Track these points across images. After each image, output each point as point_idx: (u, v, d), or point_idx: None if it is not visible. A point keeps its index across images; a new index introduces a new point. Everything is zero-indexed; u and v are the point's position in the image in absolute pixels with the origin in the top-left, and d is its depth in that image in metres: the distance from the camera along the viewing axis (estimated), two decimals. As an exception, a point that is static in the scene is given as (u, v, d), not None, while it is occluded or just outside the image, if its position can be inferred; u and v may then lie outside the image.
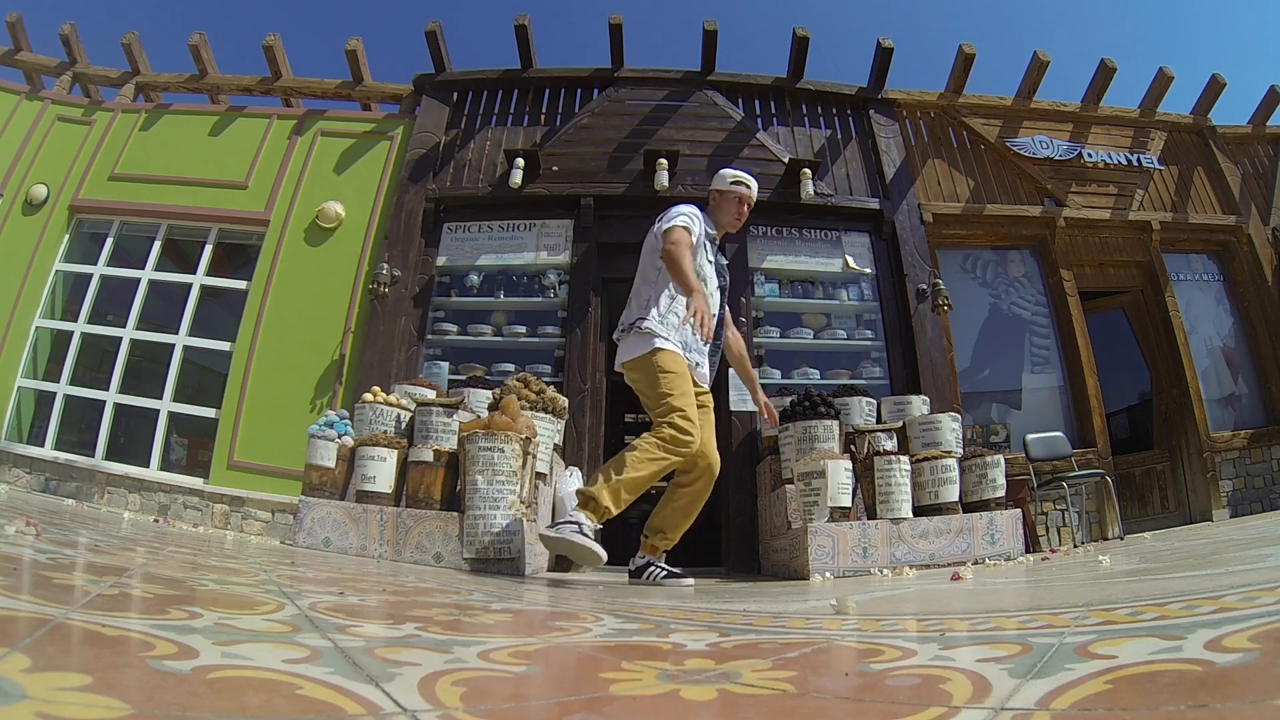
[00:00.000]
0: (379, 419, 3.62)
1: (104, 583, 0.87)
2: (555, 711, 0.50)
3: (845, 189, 5.80)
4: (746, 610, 1.35)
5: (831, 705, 0.53)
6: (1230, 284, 6.33)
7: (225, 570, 1.36)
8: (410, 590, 1.43)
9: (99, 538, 1.78)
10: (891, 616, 1.17)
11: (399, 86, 6.35)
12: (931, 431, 3.98)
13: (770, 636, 0.92)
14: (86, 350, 5.66)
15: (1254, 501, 5.48)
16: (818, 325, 5.47)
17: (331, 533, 3.04)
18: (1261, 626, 0.61)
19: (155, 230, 5.90)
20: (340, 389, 5.06)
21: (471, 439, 2.94)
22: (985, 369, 5.78)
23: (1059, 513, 5.19)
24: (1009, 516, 3.52)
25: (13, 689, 0.38)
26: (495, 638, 0.86)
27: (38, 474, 5.16)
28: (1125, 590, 1.23)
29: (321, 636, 0.68)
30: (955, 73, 6.28)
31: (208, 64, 6.43)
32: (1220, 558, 1.74)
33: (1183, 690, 0.46)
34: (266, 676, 0.50)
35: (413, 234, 5.45)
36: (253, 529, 4.78)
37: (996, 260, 6.07)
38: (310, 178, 5.82)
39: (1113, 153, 6.40)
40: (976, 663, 0.61)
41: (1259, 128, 6.88)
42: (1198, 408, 5.65)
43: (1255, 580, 1.01)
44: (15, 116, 6.24)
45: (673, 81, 6.12)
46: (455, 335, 5.31)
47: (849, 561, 3.14)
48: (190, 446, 5.63)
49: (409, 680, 0.53)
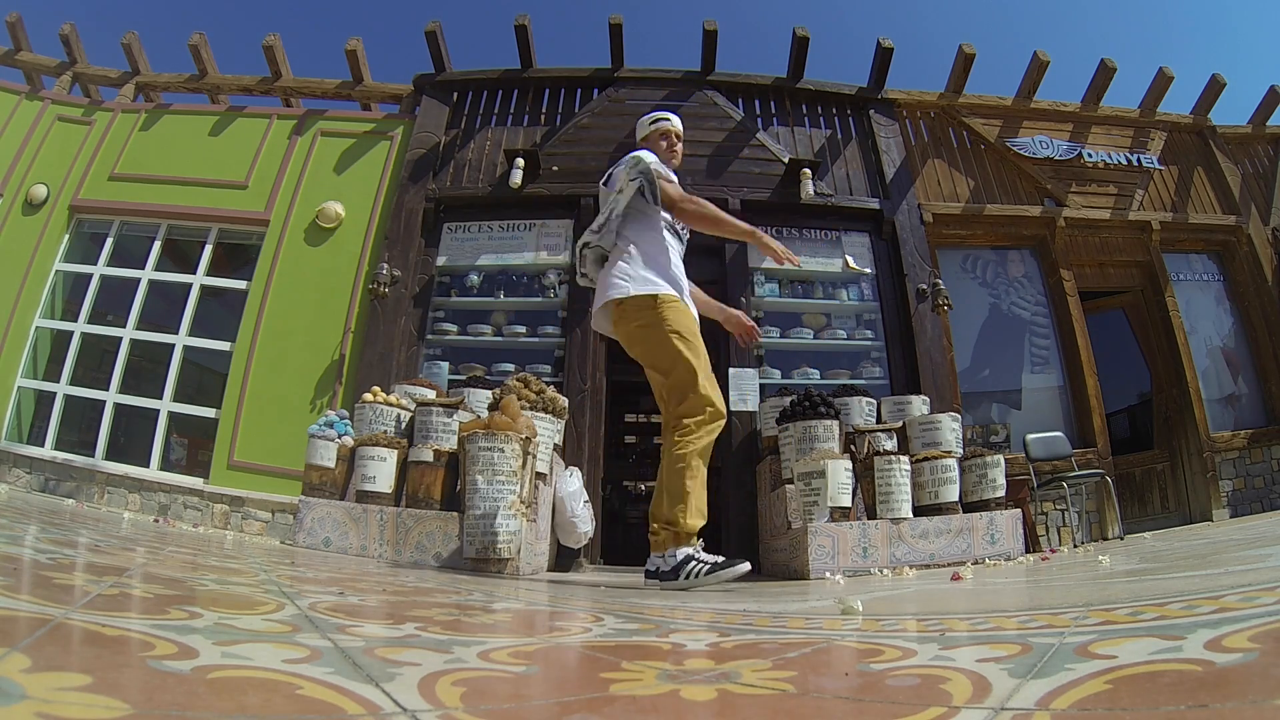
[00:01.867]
0: (379, 419, 3.62)
1: (104, 583, 0.87)
2: (555, 711, 0.50)
3: (845, 189, 5.80)
4: (746, 610, 1.35)
5: (831, 705, 0.53)
6: (1230, 284, 6.33)
7: (225, 570, 1.36)
8: (410, 590, 1.43)
9: (99, 538, 1.78)
10: (891, 616, 1.17)
11: (399, 86, 6.35)
12: (931, 431, 3.98)
13: (770, 636, 0.92)
14: (86, 350, 5.66)
15: (1254, 501, 5.48)
16: (818, 325, 5.47)
17: (331, 533, 3.04)
18: (1261, 626, 0.61)
19: (155, 230, 5.90)
20: (340, 389, 5.06)
21: (471, 439, 2.94)
22: (985, 369, 5.78)
23: (1059, 513, 5.19)
24: (1009, 516, 3.52)
25: (13, 689, 0.38)
26: (495, 638, 0.86)
27: (38, 474, 5.16)
28: (1125, 590, 1.23)
29: (321, 636, 0.68)
30: (955, 73, 6.28)
31: (208, 64, 6.43)
32: (1220, 558, 1.74)
33: (1183, 690, 0.46)
34: (266, 676, 0.50)
35: (413, 234, 5.45)
36: (253, 529, 4.78)
37: (996, 260, 6.07)
38: (310, 178, 5.82)
39: (1113, 153, 6.40)
40: (976, 663, 0.61)
41: (1259, 128, 6.88)
42: (1198, 408, 5.66)
43: (1255, 580, 1.01)
44: (15, 116, 6.24)
45: (673, 81, 6.13)
46: (455, 335, 5.31)
47: (849, 561, 3.14)
48: (190, 446, 5.63)
49: (409, 680, 0.53)
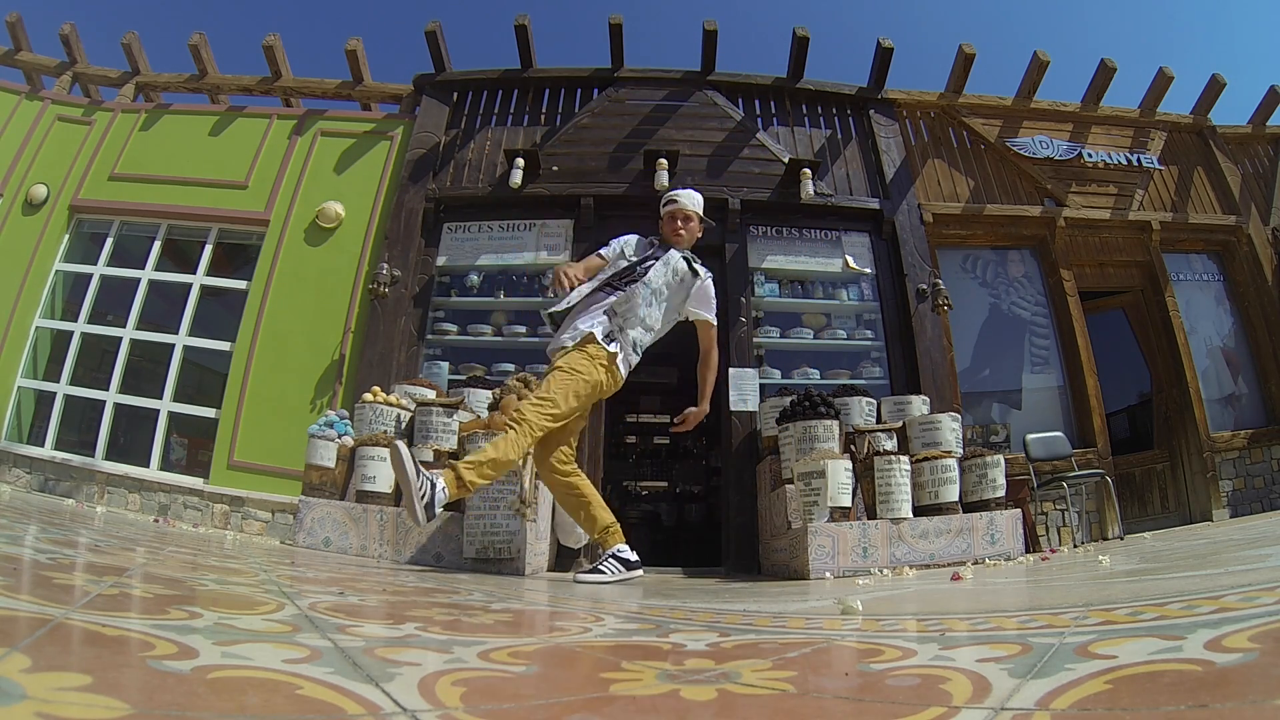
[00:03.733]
0: (379, 419, 3.62)
1: (104, 583, 0.87)
2: (555, 711, 0.50)
3: (845, 189, 5.80)
4: (746, 610, 1.35)
5: (831, 705, 0.53)
6: (1230, 284, 6.33)
7: (225, 570, 1.36)
8: (410, 590, 1.43)
9: (99, 538, 1.78)
10: (891, 616, 1.16)
11: (399, 86, 6.34)
12: (931, 431, 3.98)
13: (770, 636, 0.92)
14: (86, 350, 5.66)
15: (1254, 501, 5.48)
16: (818, 325, 5.47)
17: (331, 533, 3.04)
18: (1261, 626, 0.61)
19: (155, 230, 5.90)
20: (340, 389, 5.06)
21: (471, 439, 2.94)
22: (985, 369, 5.77)
23: (1059, 513, 5.18)
24: (1009, 516, 3.52)
25: (13, 689, 0.38)
26: (495, 638, 0.86)
27: (38, 474, 5.16)
28: (1125, 590, 1.23)
29: (321, 636, 0.68)
30: (955, 73, 6.28)
31: (208, 64, 6.43)
32: (1220, 558, 1.74)
33: (1183, 690, 0.46)
34: (266, 676, 0.50)
35: (413, 234, 5.45)
36: (253, 529, 4.78)
37: (996, 260, 6.07)
38: (310, 178, 5.81)
39: (1113, 153, 6.40)
40: (976, 663, 0.61)
41: (1259, 128, 6.88)
42: (1198, 408, 5.65)
43: (1255, 580, 1.01)
44: (15, 116, 6.24)
45: (673, 81, 6.12)
46: (455, 335, 5.31)
47: (849, 561, 3.14)
48: (190, 446, 5.63)
49: (409, 680, 0.53)
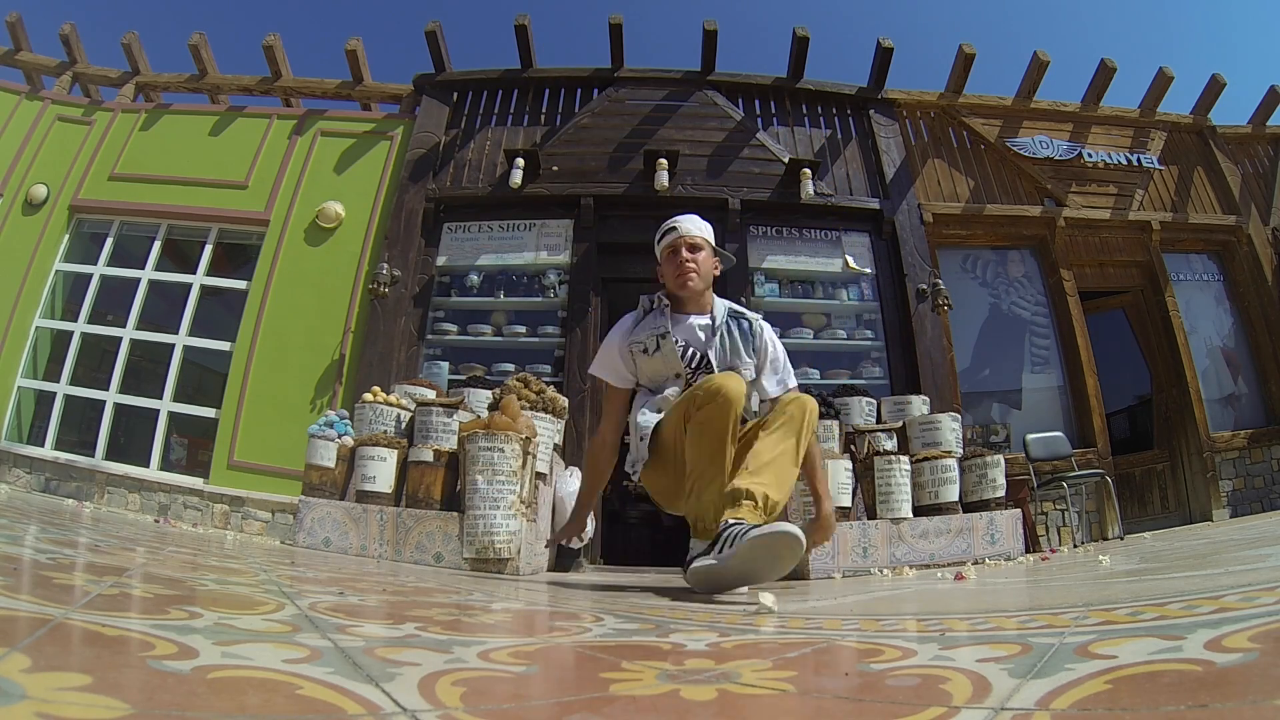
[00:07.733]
0: (379, 419, 3.62)
1: (104, 583, 0.87)
2: (555, 711, 0.50)
3: (845, 189, 5.80)
4: (746, 610, 1.35)
5: (831, 705, 0.53)
6: (1230, 284, 6.33)
7: (225, 570, 1.36)
8: (410, 590, 1.43)
9: (99, 538, 1.78)
10: (891, 616, 1.16)
11: (399, 86, 6.35)
12: (931, 431, 3.98)
13: (770, 636, 0.92)
14: (86, 350, 5.66)
15: (1254, 501, 5.49)
16: (818, 325, 5.47)
17: (331, 533, 3.04)
18: (1261, 626, 0.61)
19: (155, 230, 5.90)
20: (340, 389, 5.06)
21: (471, 439, 2.94)
22: (985, 369, 5.78)
23: (1059, 513, 5.19)
24: (1009, 516, 3.52)
25: (13, 689, 0.38)
26: (495, 638, 0.86)
27: (38, 474, 5.16)
28: (1125, 590, 1.23)
29: (321, 636, 0.68)
30: (955, 73, 6.28)
31: (208, 64, 6.43)
32: (1220, 558, 1.74)
33: (1183, 690, 0.46)
34: (266, 676, 0.50)
35: (413, 234, 5.45)
36: (253, 529, 4.78)
37: (996, 260, 6.07)
38: (310, 178, 5.82)
39: (1113, 153, 6.40)
40: (976, 663, 0.61)
41: (1259, 128, 6.88)
42: (1198, 408, 5.66)
43: (1255, 580, 1.01)
44: (15, 116, 6.24)
45: (673, 81, 6.12)
46: (455, 335, 5.31)
47: (849, 561, 3.15)
48: (190, 446, 5.63)
49: (409, 680, 0.53)
